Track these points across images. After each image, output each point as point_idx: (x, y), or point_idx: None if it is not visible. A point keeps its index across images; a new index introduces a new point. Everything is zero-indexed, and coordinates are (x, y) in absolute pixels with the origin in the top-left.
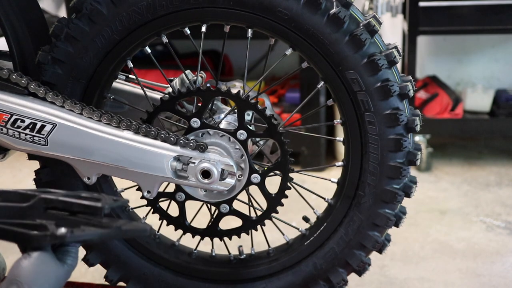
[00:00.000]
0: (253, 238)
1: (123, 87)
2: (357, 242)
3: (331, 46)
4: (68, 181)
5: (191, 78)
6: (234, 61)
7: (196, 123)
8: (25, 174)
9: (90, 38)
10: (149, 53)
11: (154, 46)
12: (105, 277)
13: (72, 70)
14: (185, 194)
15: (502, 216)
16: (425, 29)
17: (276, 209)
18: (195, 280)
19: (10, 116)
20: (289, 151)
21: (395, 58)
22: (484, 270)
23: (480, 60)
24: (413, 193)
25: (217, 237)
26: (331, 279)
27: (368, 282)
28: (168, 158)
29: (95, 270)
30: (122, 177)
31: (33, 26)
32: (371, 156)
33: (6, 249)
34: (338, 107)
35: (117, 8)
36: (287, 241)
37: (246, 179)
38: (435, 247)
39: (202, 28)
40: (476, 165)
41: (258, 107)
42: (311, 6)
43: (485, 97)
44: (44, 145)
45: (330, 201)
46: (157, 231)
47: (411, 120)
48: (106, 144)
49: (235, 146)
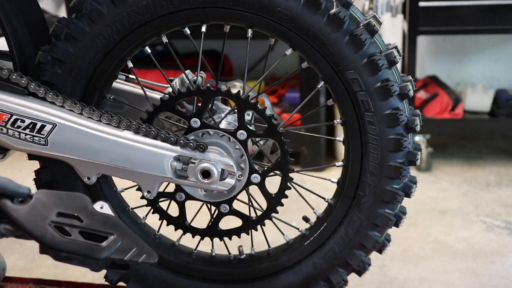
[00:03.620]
0: (253, 238)
1: (123, 87)
2: (357, 242)
3: (331, 46)
4: (68, 181)
5: (191, 78)
6: (234, 61)
7: (196, 123)
8: (25, 174)
9: (90, 38)
10: (149, 53)
11: (154, 46)
12: (105, 277)
13: (72, 70)
14: (185, 194)
15: (502, 216)
16: (425, 29)
17: (276, 209)
18: (195, 280)
19: (10, 116)
20: (289, 151)
21: (395, 58)
22: (484, 270)
23: (480, 60)
24: (413, 193)
25: (217, 237)
26: (331, 279)
27: (368, 282)
28: (168, 158)
29: None
30: (122, 177)
31: (33, 26)
32: (371, 156)
33: (6, 249)
34: (338, 107)
35: (117, 8)
36: (287, 241)
37: (246, 179)
38: (435, 247)
39: (202, 28)
40: (476, 165)
41: (258, 107)
42: (311, 6)
43: (485, 97)
44: (44, 145)
45: (330, 201)
46: (157, 231)
47: (411, 120)
48: (106, 144)
49: (235, 146)
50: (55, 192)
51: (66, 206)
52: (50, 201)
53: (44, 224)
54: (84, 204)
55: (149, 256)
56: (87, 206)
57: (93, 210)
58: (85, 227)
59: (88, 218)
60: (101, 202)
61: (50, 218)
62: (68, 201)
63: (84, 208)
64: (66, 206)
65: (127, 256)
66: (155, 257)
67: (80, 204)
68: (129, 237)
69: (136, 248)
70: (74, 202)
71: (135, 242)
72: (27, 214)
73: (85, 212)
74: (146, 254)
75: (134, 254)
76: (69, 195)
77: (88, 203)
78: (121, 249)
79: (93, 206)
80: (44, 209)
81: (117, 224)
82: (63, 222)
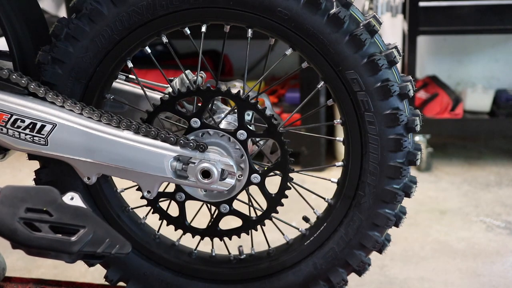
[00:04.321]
0: (253, 238)
1: (123, 87)
2: (357, 242)
3: (331, 46)
4: (68, 181)
5: (191, 78)
6: (234, 61)
7: (196, 123)
8: (25, 174)
9: (90, 38)
10: (149, 53)
11: (154, 46)
12: (105, 277)
13: (72, 70)
14: (185, 194)
15: (502, 216)
16: (425, 29)
17: (276, 209)
18: (195, 280)
19: (10, 116)
20: (289, 151)
21: (395, 58)
22: (484, 270)
23: (480, 60)
24: (413, 193)
25: (217, 237)
26: (331, 279)
27: (368, 282)
28: (168, 158)
29: (95, 270)
30: (122, 177)
31: (33, 26)
32: (371, 156)
33: (6, 249)
34: (338, 107)
35: (117, 8)
36: (287, 241)
37: (246, 179)
38: (435, 247)
39: (202, 28)
40: (476, 165)
41: (258, 107)
42: (311, 6)
43: (485, 97)
44: (44, 145)
45: (330, 201)
46: (157, 231)
47: (411, 120)
48: (106, 144)
49: (235, 146)
50: (22, 187)
51: (34, 201)
52: (17, 197)
53: (13, 221)
54: (53, 198)
55: (122, 247)
56: (56, 199)
57: (63, 203)
58: (54, 222)
59: (58, 211)
60: (71, 193)
61: (19, 215)
62: (36, 195)
63: (53, 201)
64: (34, 200)
65: (99, 248)
66: (128, 247)
67: (49, 198)
68: (101, 228)
69: (109, 239)
70: (42, 196)
71: (107, 233)
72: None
73: (55, 206)
74: (119, 245)
75: (107, 246)
76: (37, 189)
77: (57, 196)
78: (93, 241)
79: (62, 199)
80: (12, 206)
81: (88, 215)
82: (32, 218)
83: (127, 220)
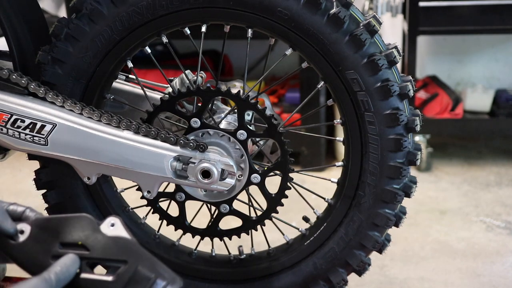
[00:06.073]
0: (253, 238)
1: (123, 87)
2: (357, 242)
3: (331, 46)
4: (68, 181)
5: (191, 78)
6: (234, 61)
7: (196, 123)
8: (25, 174)
9: (90, 38)
10: (149, 53)
11: (154, 46)
12: None
13: (72, 70)
14: (185, 194)
15: (502, 216)
16: (425, 29)
17: (276, 209)
18: (195, 280)
19: (10, 116)
20: (289, 151)
21: (395, 58)
22: (484, 270)
23: (480, 60)
24: (413, 193)
25: (217, 237)
26: (331, 279)
27: (368, 282)
28: (168, 158)
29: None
30: (122, 177)
31: (33, 26)
32: (371, 156)
33: None
34: (338, 107)
35: (117, 8)
36: (287, 241)
37: (246, 179)
38: (435, 247)
39: (202, 28)
40: (476, 165)
41: (258, 107)
42: (311, 6)
43: (485, 97)
44: (44, 145)
45: (330, 201)
46: (157, 231)
47: (411, 120)
48: (106, 144)
49: (235, 146)
50: (54, 217)
51: (68, 234)
52: (49, 229)
53: (47, 259)
54: (90, 228)
55: (172, 284)
56: (93, 229)
57: (100, 234)
58: (90, 258)
59: (95, 245)
60: (111, 218)
61: (52, 252)
62: (70, 226)
63: (89, 233)
64: (68, 233)
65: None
66: (178, 284)
67: (85, 228)
68: (145, 262)
69: (155, 275)
70: (77, 227)
71: (152, 268)
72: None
73: (91, 238)
74: (167, 281)
75: (151, 284)
76: (71, 219)
77: (94, 224)
78: (136, 280)
79: (100, 228)
80: (44, 241)
81: (129, 247)
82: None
83: (127, 220)
